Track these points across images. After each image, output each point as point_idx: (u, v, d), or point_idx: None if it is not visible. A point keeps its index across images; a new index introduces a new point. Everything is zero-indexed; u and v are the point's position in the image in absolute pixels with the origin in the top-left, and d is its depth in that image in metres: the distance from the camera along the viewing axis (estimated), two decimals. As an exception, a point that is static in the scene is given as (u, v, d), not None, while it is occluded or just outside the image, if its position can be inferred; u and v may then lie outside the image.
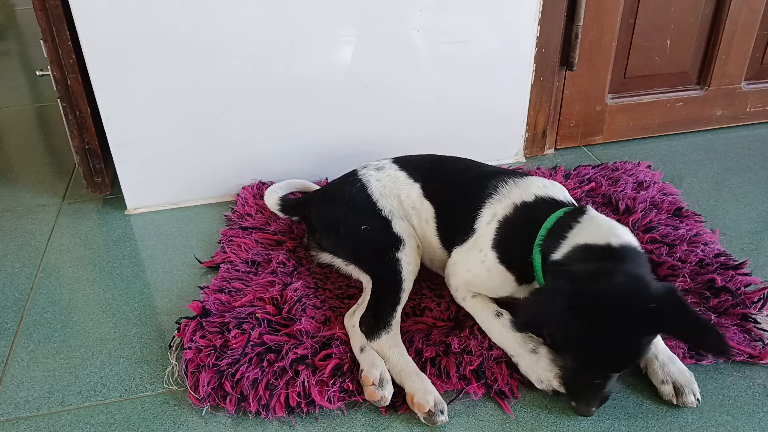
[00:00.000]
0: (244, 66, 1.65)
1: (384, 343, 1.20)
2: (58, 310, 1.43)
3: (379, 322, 1.22)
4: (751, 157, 1.99)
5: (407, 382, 1.15)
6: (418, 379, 1.15)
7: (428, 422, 1.12)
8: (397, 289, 1.27)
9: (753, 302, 1.31)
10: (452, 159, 1.51)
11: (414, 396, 1.12)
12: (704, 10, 1.96)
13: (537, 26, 1.81)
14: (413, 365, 1.18)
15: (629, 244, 1.12)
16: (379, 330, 1.21)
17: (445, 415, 1.11)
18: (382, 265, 1.31)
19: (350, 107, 1.78)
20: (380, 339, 1.20)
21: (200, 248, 1.62)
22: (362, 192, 1.44)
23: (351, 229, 1.39)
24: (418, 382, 1.14)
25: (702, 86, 2.10)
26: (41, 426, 1.15)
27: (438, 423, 1.11)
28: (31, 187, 1.94)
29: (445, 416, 1.11)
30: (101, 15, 1.52)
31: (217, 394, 1.16)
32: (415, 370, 1.16)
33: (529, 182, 1.31)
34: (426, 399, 1.11)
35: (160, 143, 1.71)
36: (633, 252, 1.11)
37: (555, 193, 1.28)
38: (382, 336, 1.21)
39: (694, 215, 1.61)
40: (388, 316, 1.23)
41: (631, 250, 1.11)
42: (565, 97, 1.98)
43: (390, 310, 1.24)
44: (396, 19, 1.68)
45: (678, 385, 1.13)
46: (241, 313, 1.30)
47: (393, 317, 1.24)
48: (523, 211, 1.26)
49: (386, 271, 1.30)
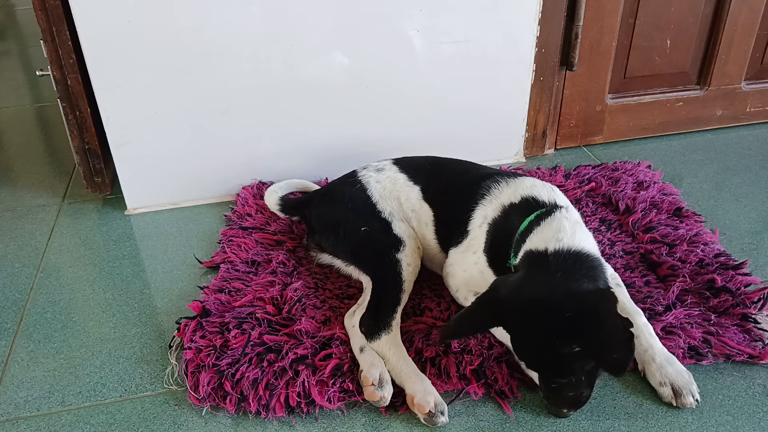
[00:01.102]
0: (244, 66, 1.65)
1: (384, 344, 1.20)
2: (58, 310, 1.43)
3: (379, 323, 1.22)
4: (751, 157, 1.99)
5: (407, 383, 1.15)
6: (419, 380, 1.15)
7: (428, 423, 1.12)
8: (397, 290, 1.28)
9: (753, 302, 1.31)
10: (452, 161, 1.50)
11: (414, 397, 1.12)
12: (704, 10, 1.96)
13: (537, 26, 1.80)
14: (413, 366, 1.18)
15: (567, 249, 1.11)
16: (379, 331, 1.21)
17: (445, 416, 1.11)
18: (382, 266, 1.31)
19: (350, 107, 1.78)
20: (380, 340, 1.20)
21: (200, 248, 1.62)
22: (362, 193, 1.43)
23: (351, 230, 1.39)
24: (418, 383, 1.14)
25: (702, 86, 2.10)
26: (41, 426, 1.15)
27: (438, 424, 1.11)
28: (31, 187, 1.94)
29: (445, 417, 1.11)
30: (101, 15, 1.52)
31: (217, 394, 1.16)
32: (415, 371, 1.16)
33: (519, 183, 1.31)
34: (426, 400, 1.11)
35: (160, 143, 1.71)
36: (568, 256, 1.10)
37: (539, 193, 1.27)
38: (382, 337, 1.21)
39: (694, 215, 1.61)
40: (388, 317, 1.23)
41: (569, 254, 1.10)
42: (565, 97, 1.98)
43: (390, 311, 1.24)
44: (396, 19, 1.68)
45: (676, 387, 1.13)
46: (241, 313, 1.30)
47: (393, 318, 1.24)
48: (509, 213, 1.26)
49: (386, 272, 1.30)
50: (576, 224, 1.18)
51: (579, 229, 1.17)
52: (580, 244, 1.13)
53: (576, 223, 1.18)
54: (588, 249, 1.13)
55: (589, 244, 1.14)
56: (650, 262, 1.46)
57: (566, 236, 1.13)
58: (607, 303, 1.04)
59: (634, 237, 1.54)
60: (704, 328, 1.25)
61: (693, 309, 1.29)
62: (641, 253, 1.49)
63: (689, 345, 1.22)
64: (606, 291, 1.08)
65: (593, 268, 1.10)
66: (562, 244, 1.11)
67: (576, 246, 1.12)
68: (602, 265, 1.14)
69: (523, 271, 1.12)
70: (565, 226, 1.15)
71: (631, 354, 1.02)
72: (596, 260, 1.13)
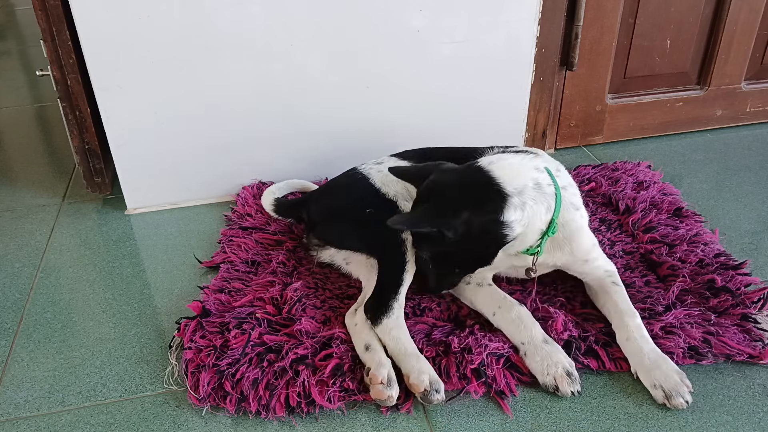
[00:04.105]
0: (244, 66, 1.65)
1: (385, 327, 1.21)
2: (58, 310, 1.43)
3: (381, 306, 1.23)
4: (751, 157, 1.99)
5: (403, 363, 1.16)
6: (414, 359, 1.15)
7: (424, 401, 1.12)
8: (400, 270, 1.27)
9: (753, 302, 1.31)
10: (448, 147, 1.55)
11: (409, 376, 1.13)
12: (704, 10, 1.96)
13: (537, 26, 1.80)
14: (412, 347, 1.18)
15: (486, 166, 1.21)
16: (381, 315, 1.22)
17: (441, 393, 1.12)
18: (387, 247, 1.30)
19: (350, 107, 1.78)
20: (381, 323, 1.21)
21: (200, 248, 1.62)
22: (364, 182, 1.44)
23: (354, 214, 1.39)
24: (413, 362, 1.15)
25: (702, 86, 2.10)
26: (41, 426, 1.15)
27: (434, 402, 1.12)
28: (31, 187, 1.94)
29: (441, 395, 1.12)
30: (101, 15, 1.52)
31: (217, 394, 1.16)
32: (412, 352, 1.17)
33: (509, 152, 1.37)
34: (421, 379, 1.12)
35: (160, 143, 1.71)
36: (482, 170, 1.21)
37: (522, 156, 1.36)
38: (383, 320, 1.21)
39: (694, 215, 1.61)
40: (390, 299, 1.24)
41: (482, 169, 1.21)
42: (565, 97, 1.98)
43: (393, 294, 1.25)
44: (396, 19, 1.68)
45: (666, 390, 1.13)
46: (241, 313, 1.30)
47: (396, 300, 1.24)
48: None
49: (391, 253, 1.29)
50: (529, 167, 1.21)
51: (516, 164, 1.20)
52: (492, 165, 1.18)
53: (531, 166, 1.21)
54: (495, 172, 1.17)
55: (505, 173, 1.18)
56: (650, 262, 1.46)
57: (494, 161, 1.20)
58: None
59: (634, 237, 1.54)
60: (704, 328, 1.25)
61: (693, 309, 1.29)
62: (641, 253, 1.49)
63: (689, 345, 1.22)
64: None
65: (479, 179, 1.17)
66: (480, 162, 1.20)
67: (487, 167, 1.18)
68: (496, 184, 1.16)
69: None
70: (504, 157, 1.22)
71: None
72: (488, 177, 1.17)
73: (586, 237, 1.28)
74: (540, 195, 1.17)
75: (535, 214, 1.17)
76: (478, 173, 1.18)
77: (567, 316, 1.27)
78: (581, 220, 1.26)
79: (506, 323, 1.24)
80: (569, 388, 1.14)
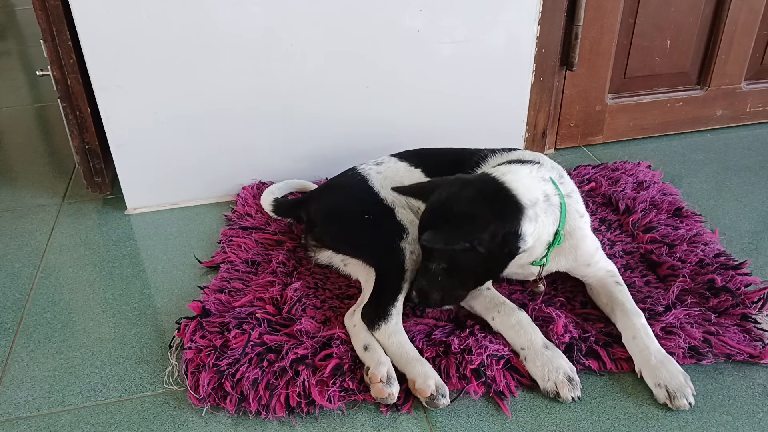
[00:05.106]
0: (244, 66, 1.65)
1: (384, 332, 1.21)
2: (58, 310, 1.43)
3: (379, 312, 1.23)
4: (751, 157, 1.99)
5: (408, 368, 1.16)
6: (419, 365, 1.16)
7: (430, 406, 1.13)
8: (398, 278, 1.28)
9: (753, 302, 1.31)
10: (447, 148, 1.57)
11: (415, 381, 1.13)
12: (704, 10, 1.96)
13: (537, 26, 1.80)
14: (414, 351, 1.19)
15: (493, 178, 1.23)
16: (379, 320, 1.22)
17: (446, 398, 1.12)
18: (384, 254, 1.31)
19: (350, 107, 1.78)
20: (380, 329, 1.21)
21: (200, 248, 1.62)
22: (363, 184, 1.44)
23: (353, 219, 1.40)
24: (418, 368, 1.15)
25: (702, 86, 2.10)
26: (41, 426, 1.15)
27: (440, 406, 1.12)
28: (31, 187, 1.94)
29: (446, 399, 1.12)
30: (101, 15, 1.52)
31: (217, 394, 1.16)
32: (415, 356, 1.17)
33: (507, 153, 1.40)
34: (427, 384, 1.12)
35: (160, 143, 1.71)
36: (488, 181, 1.23)
37: (522, 155, 1.38)
38: (381, 326, 1.21)
39: (694, 215, 1.61)
40: (388, 306, 1.24)
41: (490, 180, 1.22)
42: (565, 97, 1.98)
43: (390, 300, 1.25)
44: (396, 19, 1.68)
45: (670, 390, 1.13)
46: (241, 313, 1.30)
47: (393, 306, 1.24)
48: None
49: (389, 260, 1.30)
50: (536, 176, 1.21)
51: (527, 176, 1.20)
52: (506, 177, 1.19)
53: (538, 177, 1.21)
54: (511, 184, 1.17)
55: (520, 185, 1.18)
56: (650, 262, 1.46)
57: (507, 173, 1.20)
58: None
59: (634, 237, 1.54)
60: (704, 327, 1.25)
61: (693, 309, 1.29)
62: (641, 253, 1.49)
63: (689, 345, 1.22)
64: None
65: (498, 191, 1.17)
66: (493, 173, 1.21)
67: (501, 178, 1.19)
68: (514, 195, 1.17)
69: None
70: (516, 169, 1.21)
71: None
72: (505, 189, 1.17)
73: (590, 242, 1.29)
74: (549, 207, 1.19)
75: (545, 226, 1.18)
76: (494, 185, 1.18)
77: (567, 317, 1.27)
78: (586, 226, 1.28)
79: (506, 328, 1.24)
80: (570, 393, 1.14)
